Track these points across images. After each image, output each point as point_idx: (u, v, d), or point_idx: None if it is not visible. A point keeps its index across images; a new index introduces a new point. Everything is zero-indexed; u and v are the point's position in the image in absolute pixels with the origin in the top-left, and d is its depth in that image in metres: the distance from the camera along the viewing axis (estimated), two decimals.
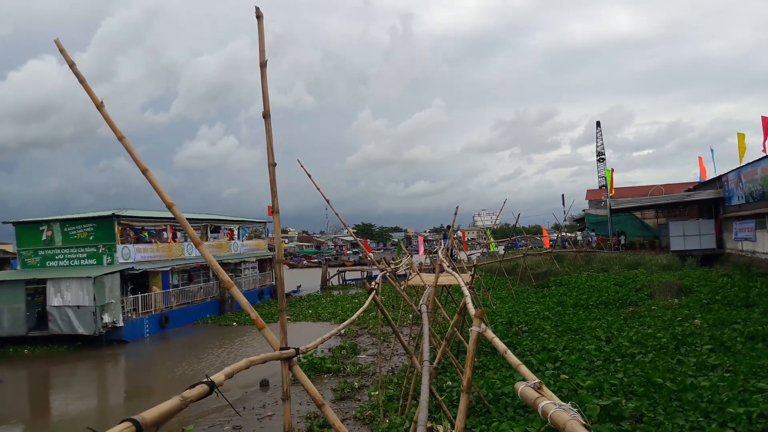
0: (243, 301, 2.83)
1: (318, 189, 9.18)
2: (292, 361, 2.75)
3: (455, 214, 9.70)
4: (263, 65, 2.96)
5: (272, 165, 2.86)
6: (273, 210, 2.87)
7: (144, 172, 3.07)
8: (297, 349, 2.78)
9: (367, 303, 5.49)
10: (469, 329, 2.78)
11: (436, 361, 5.37)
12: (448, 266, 7.80)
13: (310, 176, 9.00)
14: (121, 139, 3.13)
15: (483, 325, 2.77)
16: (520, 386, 1.96)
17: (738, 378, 9.18)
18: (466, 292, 5.09)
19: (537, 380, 1.94)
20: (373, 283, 6.17)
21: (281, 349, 2.76)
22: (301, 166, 9.20)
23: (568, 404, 1.70)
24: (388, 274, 10.35)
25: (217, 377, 1.78)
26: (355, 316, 4.75)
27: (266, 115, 2.90)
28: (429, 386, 5.05)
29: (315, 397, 2.73)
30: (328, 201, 9.06)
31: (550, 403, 1.69)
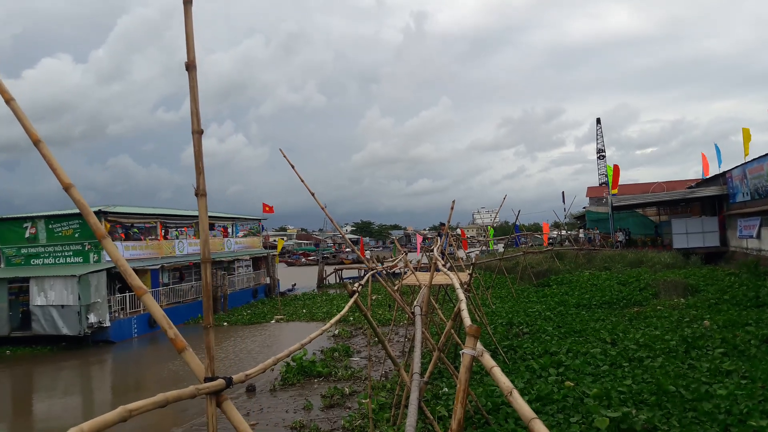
0: (159, 314, 2.12)
1: (302, 181, 8.48)
2: (222, 396, 2.03)
3: (451, 209, 9.01)
4: (188, 1, 2.24)
5: (197, 133, 2.15)
6: (198, 192, 2.16)
7: (36, 143, 2.36)
8: (229, 380, 2.06)
9: (347, 308, 4.80)
10: (461, 352, 2.09)
11: (428, 374, 4.66)
12: (443, 265, 7.19)
13: (293, 167, 8.31)
14: (8, 101, 2.42)
15: (480, 346, 2.08)
16: None
17: (756, 385, 8.51)
18: (461, 296, 4.38)
19: (533, 417, 1.26)
20: (356, 284, 5.47)
21: (206, 379, 2.04)
22: (284, 156, 8.49)
23: None
24: (378, 272, 9.64)
25: None
26: (327, 326, 4.04)
27: (190, 67, 2.19)
28: (417, 404, 4.34)
29: None
30: (313, 194, 8.36)
31: None
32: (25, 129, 2.38)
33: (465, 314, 3.43)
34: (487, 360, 2.00)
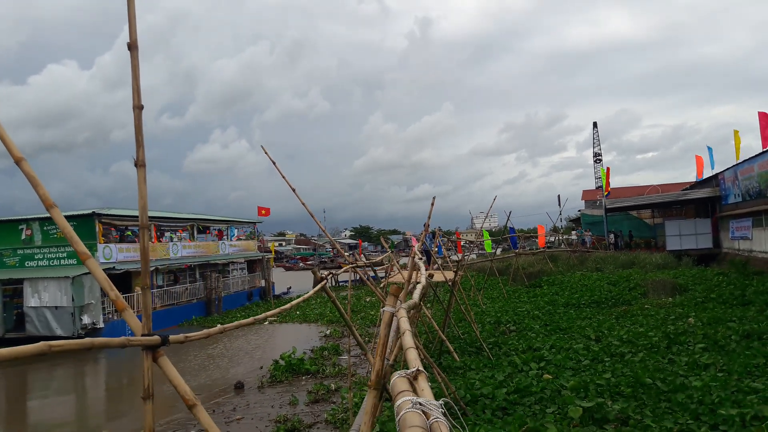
0: (101, 277, 2.29)
1: (284, 177, 8.64)
2: (159, 352, 2.19)
3: (432, 205, 9.17)
4: None
5: (138, 108, 2.32)
6: (138, 163, 2.32)
7: None
8: (165, 338, 2.23)
9: (312, 292, 4.97)
10: (381, 309, 2.25)
11: (393, 357, 4.81)
12: (420, 258, 7.31)
13: (274, 163, 8.48)
14: None
15: (399, 304, 2.24)
16: (395, 376, 1.44)
17: (731, 378, 8.65)
18: (423, 281, 4.55)
19: (417, 368, 1.42)
20: (324, 272, 5.63)
21: (143, 335, 2.21)
22: (265, 153, 8.67)
23: (439, 402, 1.17)
24: (360, 269, 9.77)
25: None
26: (289, 306, 4.21)
27: (132, 47, 2.35)
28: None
29: (185, 395, 2.18)
30: (293, 189, 8.52)
31: (407, 401, 1.16)
32: None
33: (417, 293, 3.58)
34: (401, 314, 2.17)
